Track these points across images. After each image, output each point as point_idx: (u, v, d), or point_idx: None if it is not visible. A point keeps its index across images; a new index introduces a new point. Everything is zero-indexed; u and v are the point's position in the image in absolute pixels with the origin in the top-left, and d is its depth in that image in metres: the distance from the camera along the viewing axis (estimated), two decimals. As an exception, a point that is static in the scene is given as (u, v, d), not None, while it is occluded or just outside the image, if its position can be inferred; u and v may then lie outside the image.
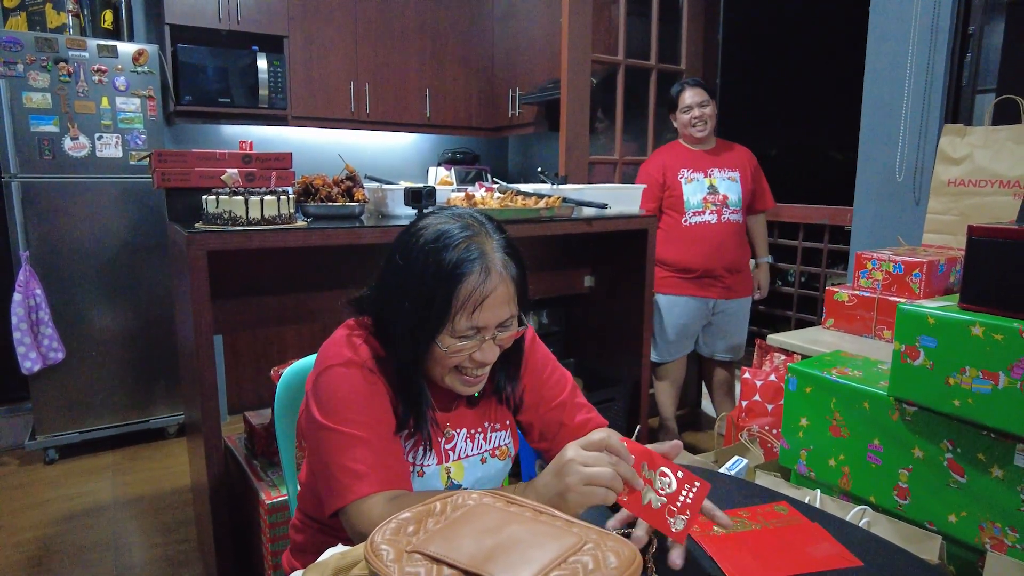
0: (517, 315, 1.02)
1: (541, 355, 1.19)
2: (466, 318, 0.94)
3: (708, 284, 2.79)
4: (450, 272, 0.93)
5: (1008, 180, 2.00)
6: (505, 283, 0.97)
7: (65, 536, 2.39)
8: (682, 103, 2.75)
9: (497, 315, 0.97)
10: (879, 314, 1.98)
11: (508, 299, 0.98)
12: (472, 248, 0.95)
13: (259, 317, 1.98)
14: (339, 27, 3.76)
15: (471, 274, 0.93)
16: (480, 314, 0.95)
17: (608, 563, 0.61)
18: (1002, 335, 1.21)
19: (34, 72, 2.78)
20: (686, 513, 0.81)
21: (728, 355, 2.96)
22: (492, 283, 0.95)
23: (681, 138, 2.85)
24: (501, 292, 0.96)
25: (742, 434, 2.07)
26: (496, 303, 0.96)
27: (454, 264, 0.93)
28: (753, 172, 2.84)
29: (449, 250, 0.94)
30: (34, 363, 2.81)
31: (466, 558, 0.62)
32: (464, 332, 0.96)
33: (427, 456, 1.06)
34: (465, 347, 0.97)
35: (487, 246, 0.97)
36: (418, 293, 0.95)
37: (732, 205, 2.75)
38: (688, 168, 2.76)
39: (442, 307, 0.94)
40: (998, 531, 1.29)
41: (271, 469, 1.92)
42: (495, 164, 4.74)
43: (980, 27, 2.23)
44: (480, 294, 0.94)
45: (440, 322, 0.95)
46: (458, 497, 0.74)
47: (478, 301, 0.94)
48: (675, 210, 2.77)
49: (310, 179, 1.96)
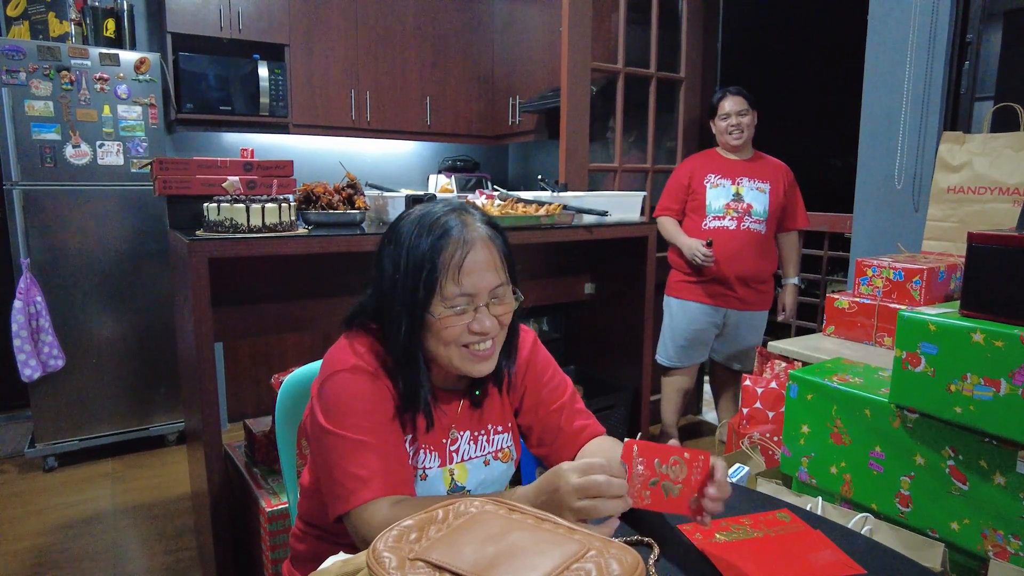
0: (509, 285, 1.04)
1: (543, 358, 1.20)
2: (454, 283, 0.98)
3: (720, 293, 2.75)
4: (433, 242, 0.98)
5: (1007, 187, 2.01)
6: (488, 248, 1.01)
7: (64, 544, 2.38)
8: (721, 110, 2.75)
9: (485, 280, 0.99)
10: (880, 321, 1.98)
11: (494, 265, 1.01)
12: (453, 218, 1.01)
13: (260, 325, 1.98)
14: (340, 35, 3.78)
15: (453, 240, 0.98)
16: (466, 279, 0.98)
17: (611, 570, 0.61)
18: (1003, 342, 1.21)
19: (36, 80, 2.80)
20: (699, 489, 0.85)
21: (738, 365, 2.92)
22: (474, 247, 0.99)
23: (719, 145, 2.85)
24: (485, 256, 1.00)
25: (743, 441, 2.07)
26: (481, 267, 0.99)
27: (438, 235, 0.99)
28: (787, 187, 2.77)
29: (432, 225, 1.00)
30: (34, 370, 2.81)
31: (468, 565, 0.62)
32: (454, 300, 0.98)
33: (429, 458, 1.07)
34: (459, 317, 0.99)
35: (468, 219, 1.02)
36: (407, 268, 0.99)
37: (755, 215, 2.70)
38: (716, 174, 2.75)
39: (430, 276, 0.97)
40: (1001, 538, 1.29)
41: (271, 477, 1.92)
42: (495, 172, 4.75)
43: (978, 35, 2.24)
44: (462, 256, 0.98)
45: (430, 291, 0.98)
46: (460, 504, 0.74)
47: (460, 263, 0.97)
48: (696, 213, 2.75)
49: (311, 187, 1.97)
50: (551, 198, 2.25)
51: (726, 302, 2.77)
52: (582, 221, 2.24)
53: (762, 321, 2.88)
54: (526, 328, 1.21)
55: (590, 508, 0.80)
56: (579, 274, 2.63)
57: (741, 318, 2.81)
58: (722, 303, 2.77)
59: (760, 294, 2.81)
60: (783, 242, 2.87)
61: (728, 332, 2.85)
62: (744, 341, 2.86)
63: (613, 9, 3.13)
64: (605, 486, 0.80)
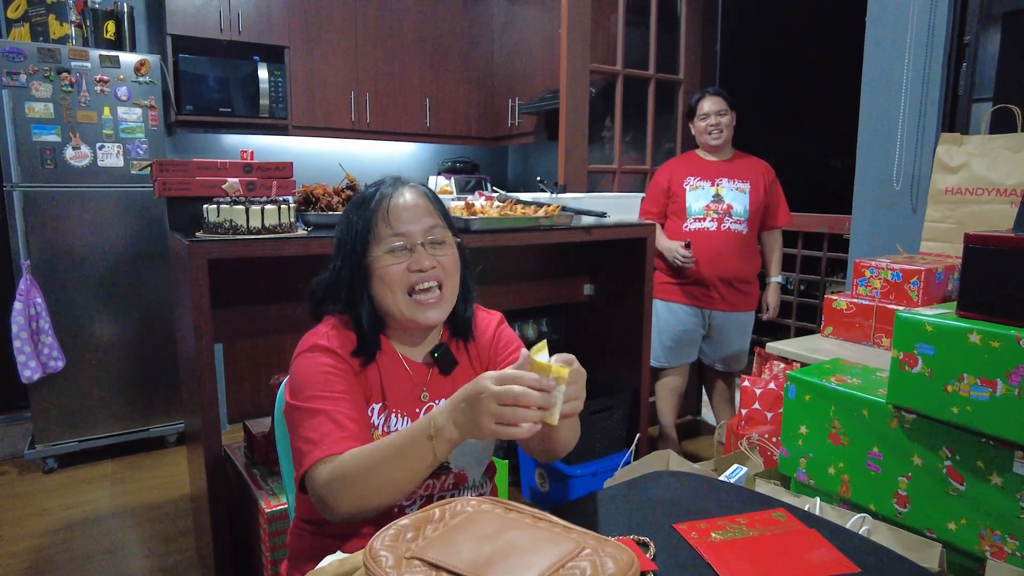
0: (447, 230, 1.12)
1: (507, 336, 1.25)
2: (385, 224, 1.07)
3: (703, 294, 2.78)
4: (368, 199, 1.10)
5: (1005, 188, 2.01)
6: (418, 195, 1.11)
7: (64, 546, 2.38)
8: (700, 110, 2.76)
9: (420, 223, 1.08)
10: (878, 322, 1.98)
11: (426, 211, 1.10)
12: (386, 180, 1.14)
13: (259, 326, 1.98)
14: (339, 37, 3.79)
15: (383, 192, 1.10)
16: (396, 220, 1.07)
17: (606, 568, 0.61)
18: (999, 342, 1.21)
19: (36, 82, 2.80)
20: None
21: (725, 367, 2.94)
22: (403, 194, 1.10)
23: (698, 146, 2.86)
24: (414, 201, 1.10)
25: (742, 442, 2.07)
26: (411, 211, 1.08)
27: (371, 193, 1.11)
28: (768, 186, 2.78)
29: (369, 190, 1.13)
30: (34, 372, 2.82)
31: (465, 564, 0.63)
32: (389, 241, 1.06)
33: (401, 423, 1.11)
34: (395, 257, 1.06)
35: (400, 180, 1.13)
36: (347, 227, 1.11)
37: (736, 215, 2.72)
38: (696, 176, 2.77)
39: (365, 225, 1.08)
40: (998, 539, 1.29)
41: (271, 478, 1.92)
42: (495, 173, 4.76)
43: (976, 37, 2.24)
44: (391, 200, 1.08)
45: (366, 238, 1.07)
46: (456, 504, 0.75)
47: (389, 207, 1.08)
48: (678, 216, 2.77)
49: (311, 188, 1.97)
50: (550, 199, 2.25)
51: (710, 303, 2.79)
52: (581, 222, 2.24)
53: (748, 322, 2.90)
54: (494, 311, 1.27)
55: (508, 414, 0.82)
56: (578, 275, 2.63)
57: (726, 319, 2.82)
58: (706, 304, 2.79)
59: (744, 295, 2.81)
60: (765, 241, 2.89)
61: (714, 334, 2.87)
62: (731, 343, 2.88)
63: (612, 11, 3.14)
64: (523, 396, 0.82)
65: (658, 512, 1.02)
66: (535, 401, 0.82)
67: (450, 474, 1.13)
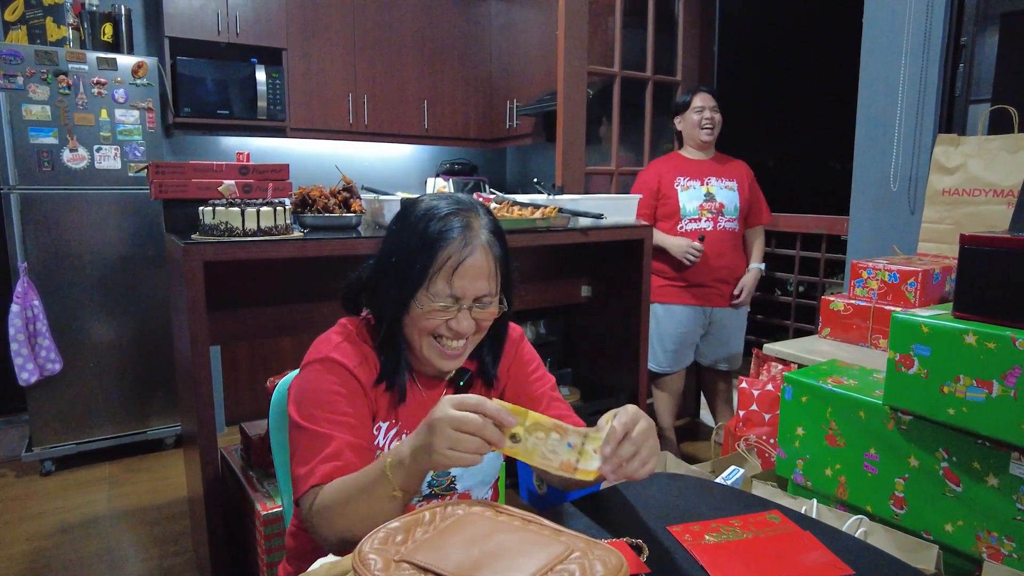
0: (497, 295, 1.06)
1: (528, 353, 1.22)
2: (444, 281, 1.00)
3: (703, 293, 2.79)
4: (435, 236, 1.00)
5: (1002, 189, 2.01)
6: (486, 256, 1.02)
7: (61, 548, 2.38)
8: (694, 104, 2.77)
9: (475, 287, 1.01)
10: (875, 323, 1.98)
11: (488, 274, 1.02)
12: (459, 219, 1.02)
13: (256, 328, 1.98)
14: (337, 39, 3.79)
15: (454, 240, 1.00)
16: (458, 280, 0.99)
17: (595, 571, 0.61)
18: (995, 343, 1.21)
19: (34, 85, 2.80)
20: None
21: (726, 365, 2.95)
22: (473, 253, 1.00)
23: (685, 142, 2.85)
24: (481, 263, 1.01)
25: (739, 444, 2.07)
26: (475, 274, 1.00)
27: (439, 231, 1.00)
28: (750, 184, 2.85)
29: (436, 220, 1.01)
30: (31, 374, 2.81)
31: (453, 567, 0.62)
32: (441, 295, 1.00)
33: None
34: (440, 310, 1.01)
35: (474, 222, 1.03)
36: (404, 253, 1.02)
37: (728, 213, 2.75)
38: (685, 176, 2.77)
39: (423, 266, 1.00)
40: (995, 540, 1.29)
41: (267, 480, 1.92)
42: (493, 175, 4.76)
43: (972, 38, 2.24)
44: (459, 259, 0.99)
45: (419, 279, 1.00)
46: (447, 507, 0.74)
47: (455, 265, 0.99)
48: (670, 218, 2.77)
49: (307, 190, 1.97)
50: (547, 201, 2.25)
51: (710, 301, 2.81)
52: (578, 224, 2.24)
53: (744, 318, 2.94)
54: (513, 325, 1.23)
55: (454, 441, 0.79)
56: (576, 277, 2.63)
57: (725, 315, 2.86)
58: (706, 302, 2.81)
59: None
60: (749, 235, 2.92)
61: (714, 331, 2.89)
62: (730, 340, 2.91)
63: (609, 12, 3.14)
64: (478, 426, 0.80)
65: (653, 514, 1.02)
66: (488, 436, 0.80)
67: (455, 495, 1.11)
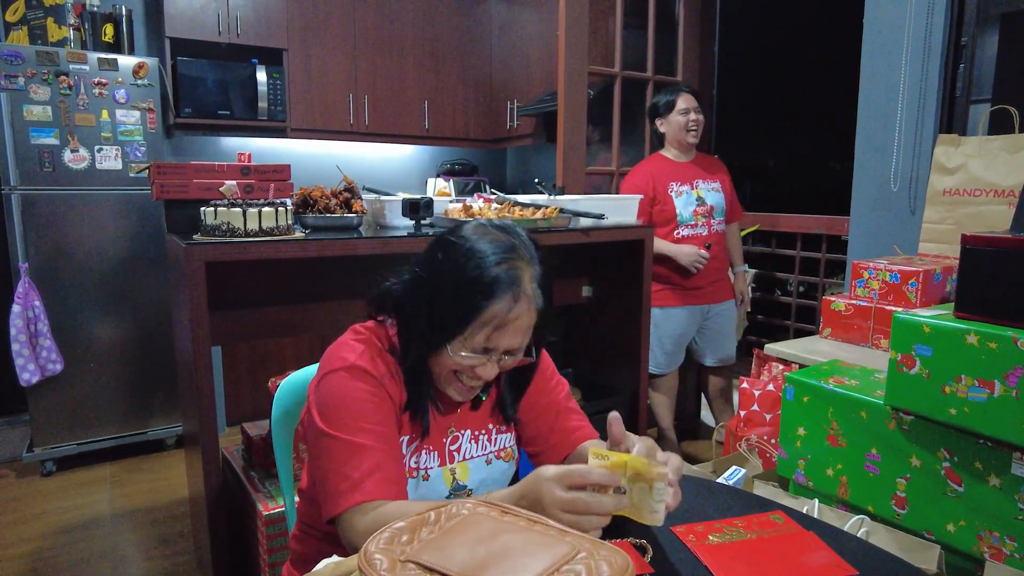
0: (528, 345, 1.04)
1: (545, 361, 1.21)
2: (484, 337, 0.97)
3: (699, 292, 2.83)
4: (484, 288, 0.95)
5: (1002, 189, 2.01)
6: (530, 314, 0.99)
7: (62, 549, 2.38)
8: (679, 106, 2.76)
9: (512, 341, 0.99)
10: (876, 323, 1.98)
11: (527, 329, 1.00)
12: (507, 271, 0.96)
13: (257, 328, 1.98)
14: (338, 40, 3.79)
15: (503, 298, 0.95)
16: (499, 338, 0.98)
17: (601, 571, 0.61)
18: (997, 343, 1.21)
19: (35, 85, 2.80)
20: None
21: (723, 360, 2.98)
22: (519, 312, 0.97)
23: (669, 143, 2.85)
24: (524, 322, 0.99)
25: (741, 444, 2.07)
26: (516, 331, 0.98)
27: (490, 282, 0.95)
28: (730, 182, 2.91)
29: (489, 267, 0.96)
30: (32, 375, 2.81)
31: (459, 567, 0.62)
32: (477, 348, 0.98)
33: (430, 459, 1.07)
34: (472, 360, 0.99)
35: (525, 274, 0.98)
36: (448, 296, 0.97)
37: (717, 215, 2.81)
38: (676, 181, 2.78)
39: (465, 317, 0.96)
40: (996, 540, 1.29)
41: (269, 480, 1.92)
42: (493, 175, 4.76)
43: (972, 38, 2.25)
44: (504, 319, 0.96)
45: (458, 330, 0.97)
46: (452, 507, 0.74)
47: (500, 325, 0.96)
48: (666, 224, 2.77)
49: (308, 191, 1.97)
50: (548, 201, 2.25)
51: (705, 298, 2.85)
52: (579, 224, 2.24)
53: (735, 310, 3.00)
54: None
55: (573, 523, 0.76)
56: (576, 277, 2.63)
57: (720, 309, 2.91)
58: (701, 300, 2.84)
59: (727, 282, 2.94)
60: (728, 233, 2.96)
61: (711, 326, 2.92)
62: (727, 335, 2.97)
63: (610, 13, 3.14)
64: (594, 504, 0.78)
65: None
66: (607, 510, 0.78)
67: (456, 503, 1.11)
